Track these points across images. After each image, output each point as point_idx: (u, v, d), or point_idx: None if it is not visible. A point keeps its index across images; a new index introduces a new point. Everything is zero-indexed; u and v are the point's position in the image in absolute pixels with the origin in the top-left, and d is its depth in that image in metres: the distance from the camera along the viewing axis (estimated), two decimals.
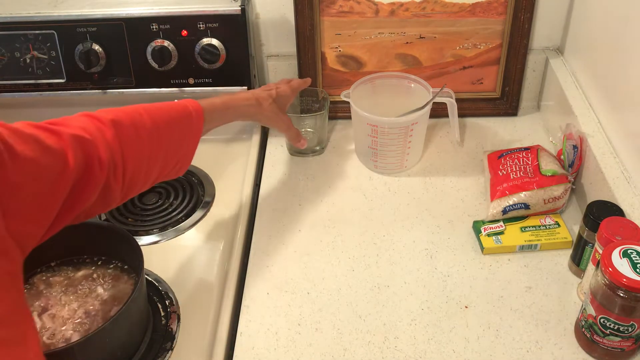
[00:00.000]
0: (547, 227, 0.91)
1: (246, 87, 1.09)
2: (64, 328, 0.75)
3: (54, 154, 0.62)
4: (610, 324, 0.71)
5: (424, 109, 0.99)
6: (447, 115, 1.06)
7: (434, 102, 1.01)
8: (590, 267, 0.79)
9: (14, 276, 0.56)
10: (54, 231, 0.65)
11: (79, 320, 0.76)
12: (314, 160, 1.09)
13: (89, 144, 0.66)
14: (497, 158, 0.99)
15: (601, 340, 0.73)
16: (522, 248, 0.89)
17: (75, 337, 0.73)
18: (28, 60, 1.06)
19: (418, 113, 0.98)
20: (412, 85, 1.05)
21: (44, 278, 0.82)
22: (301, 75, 1.13)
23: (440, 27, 1.09)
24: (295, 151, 1.09)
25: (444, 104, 1.03)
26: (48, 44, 1.05)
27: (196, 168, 1.10)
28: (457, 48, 1.11)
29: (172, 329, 0.82)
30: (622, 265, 0.68)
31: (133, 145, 0.71)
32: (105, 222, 0.99)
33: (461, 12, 1.08)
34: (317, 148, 1.09)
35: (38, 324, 0.76)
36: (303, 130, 1.07)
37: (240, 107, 0.92)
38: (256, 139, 1.15)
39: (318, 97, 1.11)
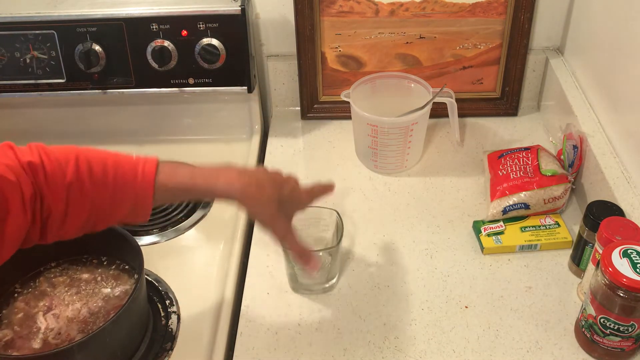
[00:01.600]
0: (547, 227, 0.91)
1: (246, 88, 1.09)
2: (68, 327, 0.76)
3: None
4: (610, 324, 0.71)
5: (424, 109, 0.99)
6: (447, 115, 1.06)
7: (434, 102, 1.01)
8: (590, 267, 0.79)
9: None
10: None
11: (83, 319, 0.77)
12: (314, 160, 1.09)
13: (9, 184, 0.59)
14: (497, 158, 0.99)
15: (601, 340, 0.73)
16: (522, 248, 0.89)
17: (80, 337, 0.74)
18: (28, 60, 1.06)
19: (418, 113, 0.98)
20: (412, 85, 1.05)
21: (48, 278, 0.82)
22: (301, 74, 1.13)
23: (440, 27, 1.09)
24: (301, 288, 0.84)
25: (444, 104, 1.03)
26: (48, 44, 1.05)
27: None
28: (457, 48, 1.11)
29: (172, 329, 0.82)
30: (622, 265, 0.68)
31: (47, 196, 0.62)
32: None
33: (461, 12, 1.08)
34: (327, 286, 0.84)
35: (43, 324, 0.76)
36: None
37: (215, 191, 0.70)
38: (256, 139, 1.15)
39: (329, 222, 0.86)
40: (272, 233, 0.73)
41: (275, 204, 0.71)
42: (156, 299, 0.85)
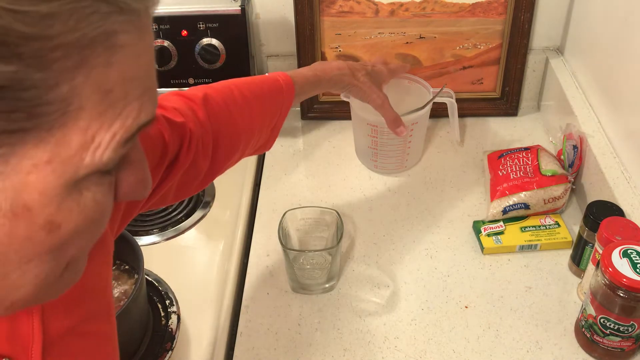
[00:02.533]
0: (547, 227, 0.91)
1: None
2: None
3: (153, 140, 0.60)
4: (610, 324, 0.71)
5: (424, 109, 0.99)
6: (447, 115, 1.06)
7: (434, 102, 1.01)
8: (590, 267, 0.79)
9: (109, 266, 0.55)
10: (137, 213, 0.63)
11: None
12: (314, 160, 1.09)
13: (181, 126, 0.65)
14: (497, 158, 0.99)
15: (601, 340, 0.73)
16: (522, 248, 0.89)
17: None
18: None
19: (418, 113, 0.98)
20: (412, 85, 1.05)
21: None
22: None
23: (440, 27, 1.09)
24: (300, 288, 0.85)
25: (444, 104, 1.03)
26: None
27: None
28: (457, 48, 1.11)
29: (172, 329, 0.82)
30: (622, 265, 0.68)
31: (224, 122, 0.70)
32: None
33: (461, 12, 1.08)
34: (327, 286, 0.85)
35: None
36: (309, 266, 0.85)
37: (333, 77, 0.86)
38: None
39: (329, 222, 0.87)
40: (373, 100, 0.90)
41: (368, 76, 0.89)
42: (156, 299, 0.85)
